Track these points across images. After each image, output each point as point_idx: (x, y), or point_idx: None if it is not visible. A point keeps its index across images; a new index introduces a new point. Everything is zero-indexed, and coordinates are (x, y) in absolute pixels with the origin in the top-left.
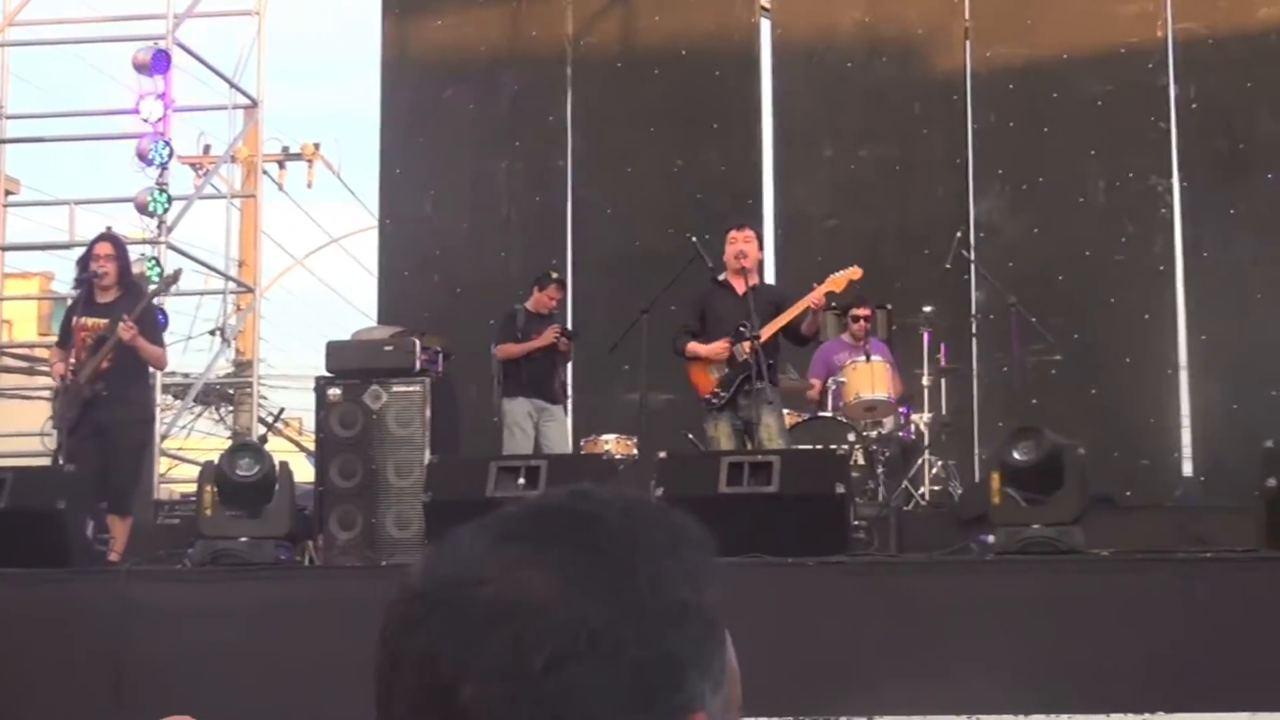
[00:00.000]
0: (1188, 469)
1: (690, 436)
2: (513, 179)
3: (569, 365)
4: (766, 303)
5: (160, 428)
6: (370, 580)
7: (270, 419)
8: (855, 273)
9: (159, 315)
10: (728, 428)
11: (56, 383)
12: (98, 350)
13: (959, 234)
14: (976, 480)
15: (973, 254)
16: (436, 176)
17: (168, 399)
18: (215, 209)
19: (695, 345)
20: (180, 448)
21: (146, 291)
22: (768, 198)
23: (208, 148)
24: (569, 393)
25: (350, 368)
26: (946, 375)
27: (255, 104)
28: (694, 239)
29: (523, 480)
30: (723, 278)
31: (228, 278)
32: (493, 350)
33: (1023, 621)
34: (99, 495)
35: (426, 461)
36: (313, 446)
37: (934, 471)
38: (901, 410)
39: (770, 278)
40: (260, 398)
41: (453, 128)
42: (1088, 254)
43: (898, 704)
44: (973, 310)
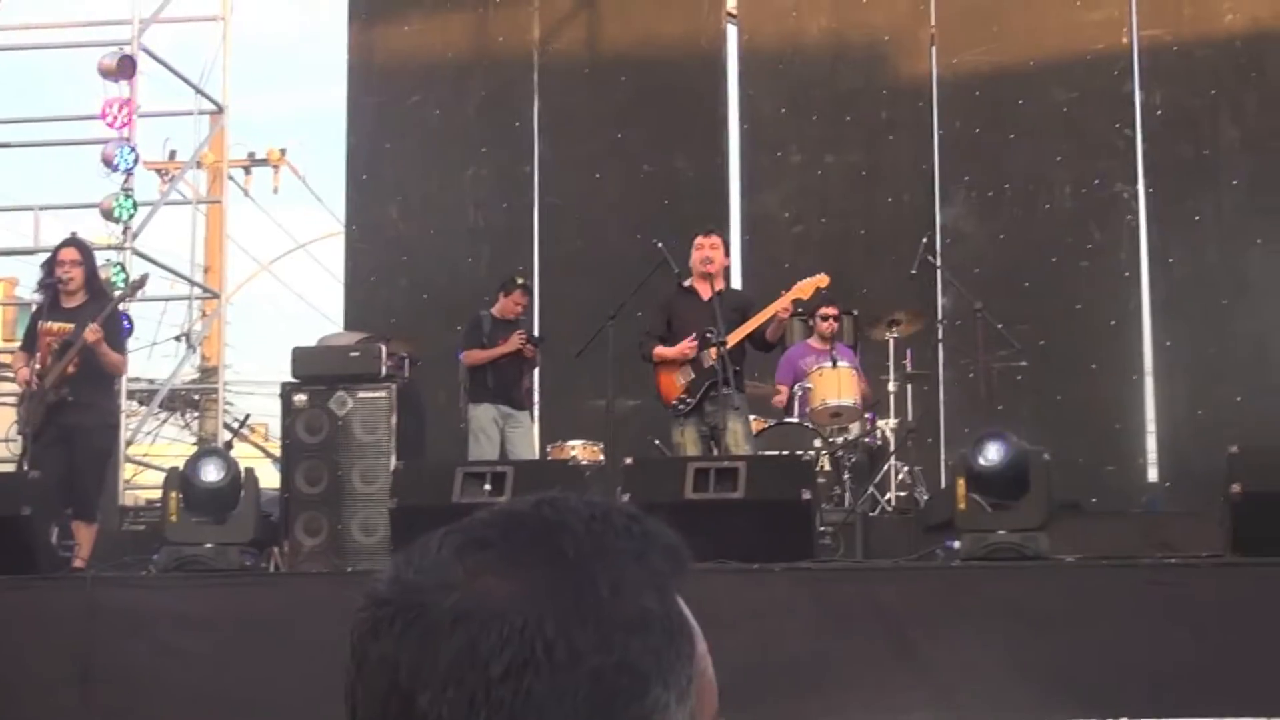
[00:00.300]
0: (1153, 475)
1: (657, 443)
2: (480, 184)
3: (536, 371)
4: (732, 308)
5: (126, 433)
6: (336, 586)
7: (236, 425)
8: (822, 280)
9: (124, 321)
10: (694, 434)
11: (21, 388)
12: (63, 355)
13: (925, 240)
14: (942, 486)
15: (939, 260)
16: (403, 182)
17: (133, 405)
18: (181, 214)
19: (662, 348)
20: (146, 454)
21: (112, 297)
22: (734, 203)
23: (173, 153)
24: (535, 399)
25: (316, 373)
26: (913, 381)
27: (221, 109)
28: (660, 245)
29: (489, 486)
30: (688, 284)
31: (193, 283)
32: (459, 357)
33: (988, 627)
34: (64, 501)
35: (393, 467)
36: (279, 452)
37: (900, 477)
38: (868, 416)
39: (737, 283)
40: (226, 404)
41: (419, 133)
42: (1053, 260)
43: (864, 710)
44: (939, 316)
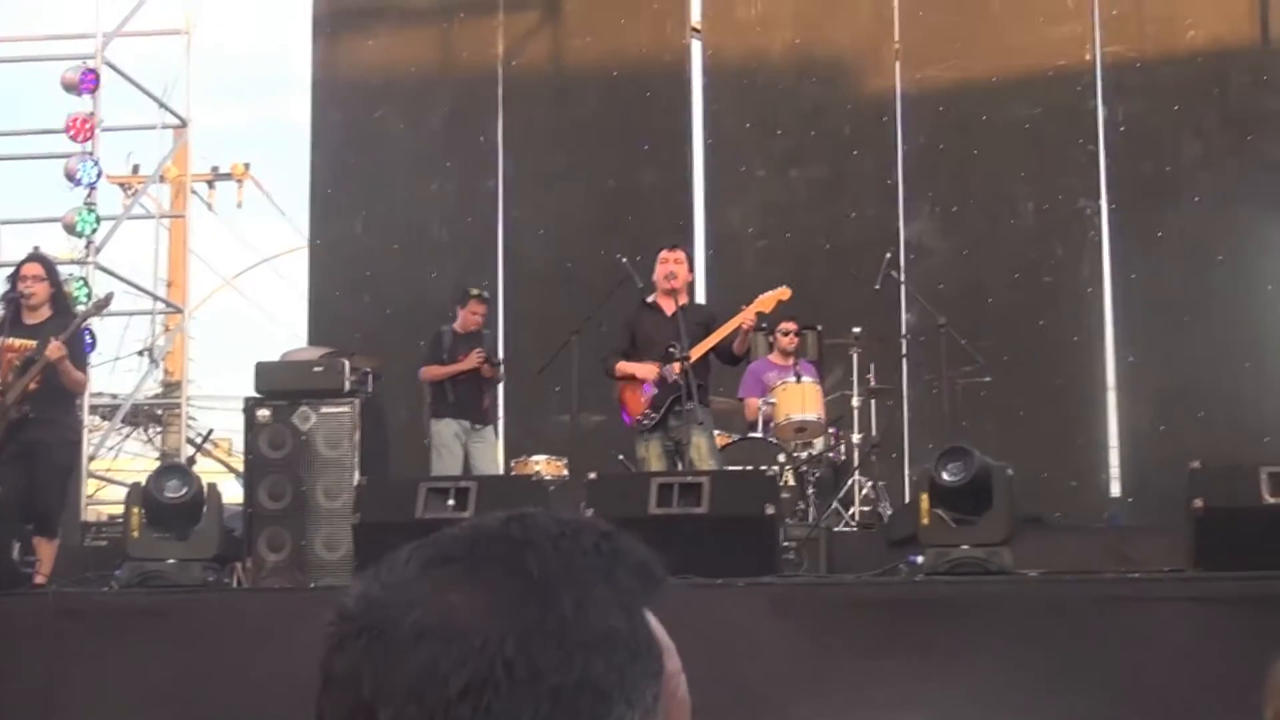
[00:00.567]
0: (1116, 490)
1: (621, 458)
2: (444, 199)
3: (500, 387)
4: (696, 323)
5: (88, 449)
6: (299, 602)
7: (199, 440)
8: (784, 293)
9: (87, 338)
10: (658, 449)
11: None
12: (25, 372)
13: (889, 255)
14: (906, 501)
15: (902, 275)
16: (367, 197)
17: (95, 420)
18: (144, 229)
19: (625, 364)
20: (108, 469)
21: (76, 313)
22: (699, 218)
23: (137, 167)
24: (500, 413)
25: (279, 389)
26: (876, 396)
27: (184, 123)
28: (624, 260)
29: (452, 502)
30: (652, 299)
31: (156, 298)
32: (419, 373)
33: (951, 643)
34: (25, 517)
35: (356, 483)
36: (242, 468)
37: (864, 492)
38: (832, 431)
39: (701, 298)
40: (189, 419)
41: (384, 148)
42: (1017, 276)
43: None
44: (903, 331)
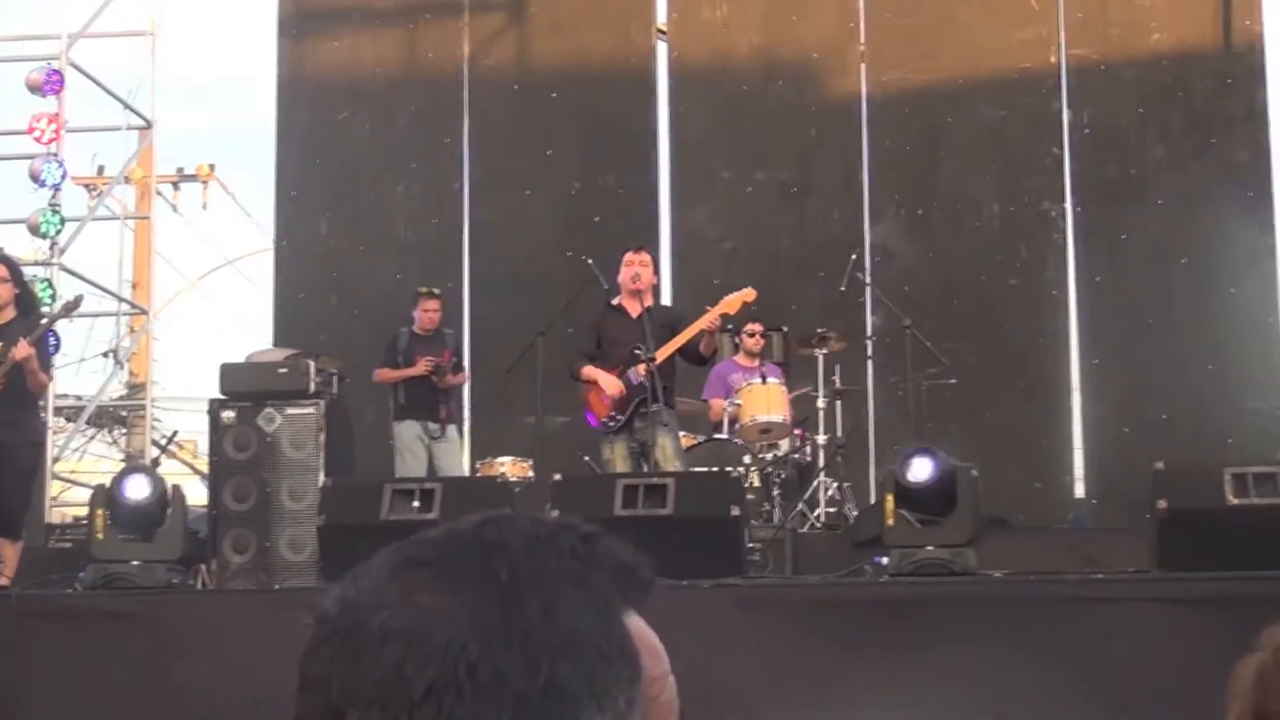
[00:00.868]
0: (1080, 491)
1: (586, 459)
2: (409, 201)
3: (464, 389)
4: (661, 325)
5: (52, 450)
6: (264, 604)
7: (164, 442)
8: (749, 294)
9: (51, 340)
10: (624, 450)
11: None
12: None
13: (854, 257)
14: (871, 502)
15: (868, 277)
16: (333, 198)
17: (60, 421)
18: (109, 230)
19: (590, 369)
20: (72, 471)
21: (42, 314)
22: (664, 220)
23: (102, 168)
24: (466, 415)
25: (244, 390)
26: (842, 398)
27: (149, 125)
28: (590, 261)
29: (417, 503)
30: (617, 301)
31: (121, 299)
32: (373, 375)
33: (917, 643)
34: None
35: (321, 484)
36: (206, 469)
37: (829, 494)
38: (797, 432)
39: (667, 299)
40: (154, 420)
41: (349, 149)
42: (982, 278)
43: None
44: (868, 333)
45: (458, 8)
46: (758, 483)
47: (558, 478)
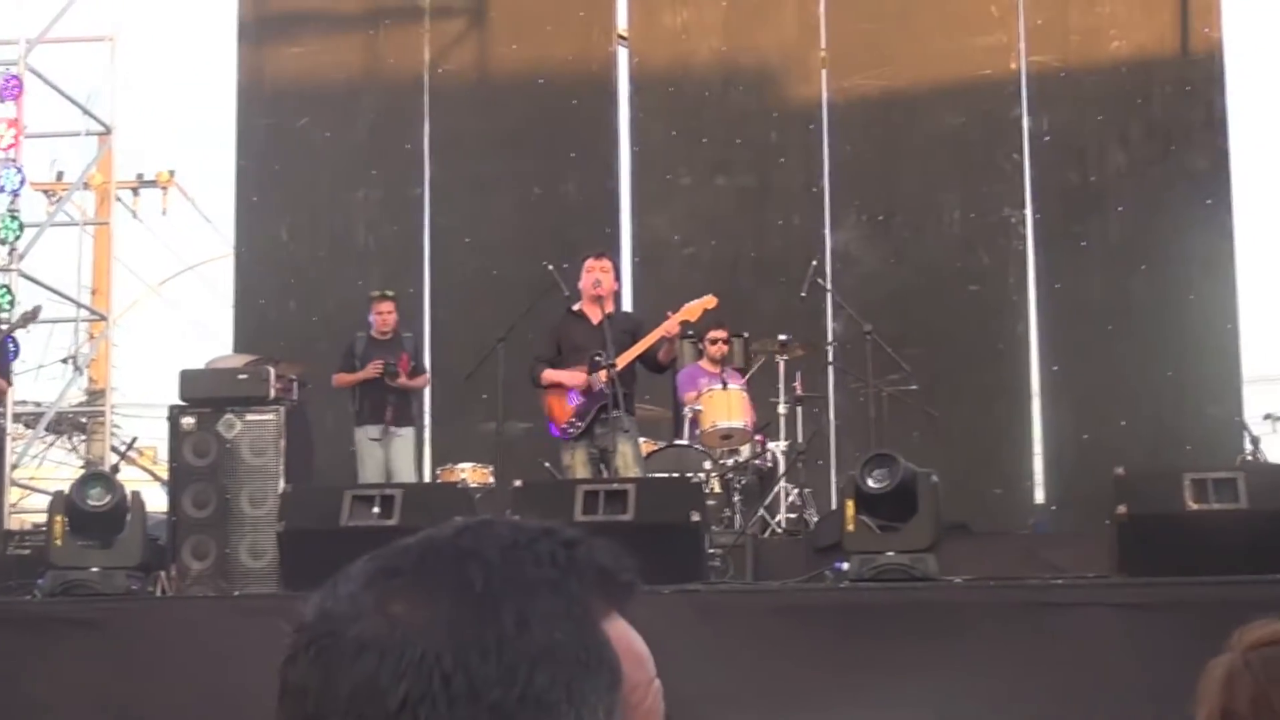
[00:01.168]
0: (1040, 497)
1: (547, 465)
2: (370, 207)
3: (425, 393)
4: (622, 331)
5: (11, 457)
6: (224, 610)
7: (123, 448)
8: (710, 302)
9: (10, 346)
10: (584, 456)
11: None
12: None
13: (814, 263)
14: (832, 508)
15: (829, 283)
16: (293, 204)
17: (19, 428)
18: (68, 236)
19: (552, 371)
20: (31, 477)
21: (0, 321)
22: (625, 226)
23: (61, 174)
24: (424, 418)
25: (204, 396)
26: (802, 403)
27: (109, 130)
28: (550, 267)
29: (377, 509)
30: (578, 307)
31: (80, 305)
32: (332, 380)
33: (876, 648)
34: None
35: (281, 490)
36: (166, 476)
37: (790, 499)
38: (758, 438)
39: (628, 305)
40: (113, 426)
41: (310, 155)
42: (942, 284)
43: None
44: (829, 339)
45: (418, 13)
46: (718, 488)
47: (518, 484)
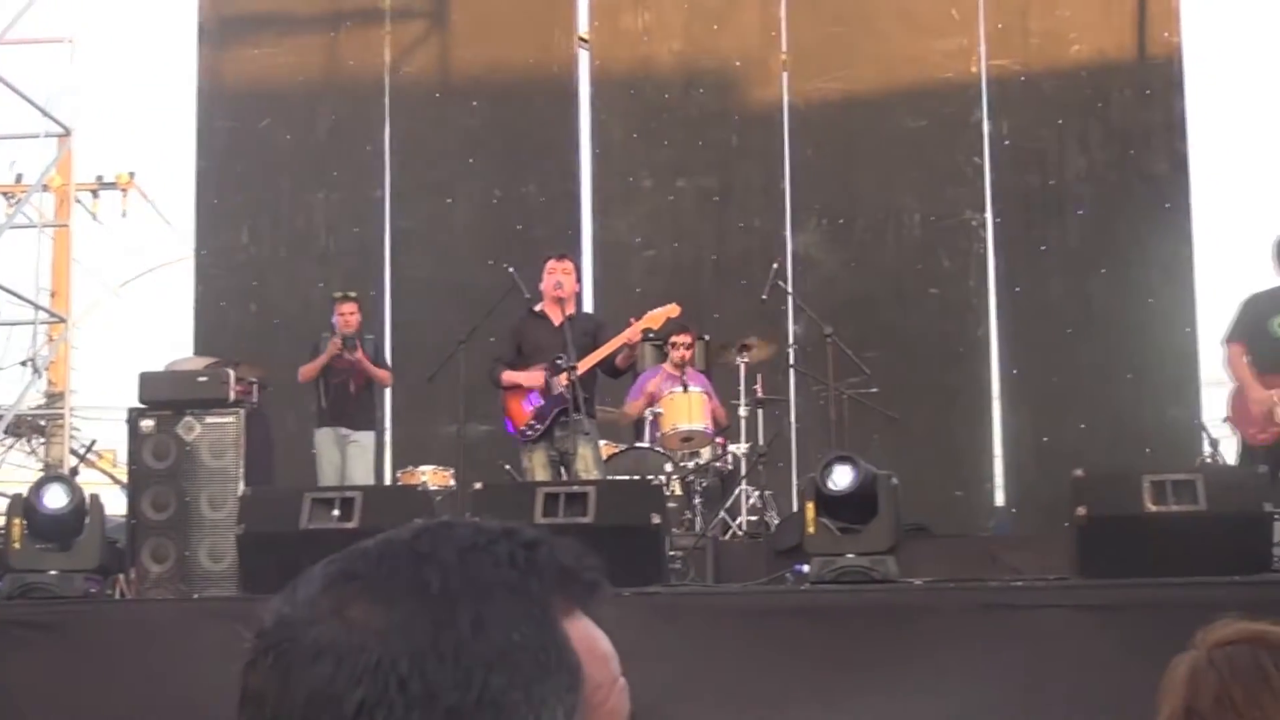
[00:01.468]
0: (1000, 499)
1: (507, 468)
2: (330, 209)
3: (386, 396)
4: (583, 333)
5: None
6: (183, 614)
7: (82, 451)
8: (673, 310)
9: None
10: (544, 459)
11: None
12: None
13: (775, 266)
14: (793, 510)
15: (790, 286)
16: (253, 206)
17: None
18: (27, 238)
19: (511, 373)
20: None
21: None
22: (586, 228)
23: (19, 176)
24: (384, 421)
25: (164, 399)
26: (763, 406)
27: (68, 132)
28: (511, 270)
29: (337, 512)
30: (539, 308)
31: (39, 308)
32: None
33: (836, 650)
34: None
35: (240, 493)
36: (125, 478)
37: (751, 502)
38: (718, 440)
39: (589, 307)
40: (72, 429)
41: (270, 157)
42: (903, 287)
43: None
44: (790, 341)
45: (379, 15)
46: (679, 491)
47: (478, 486)
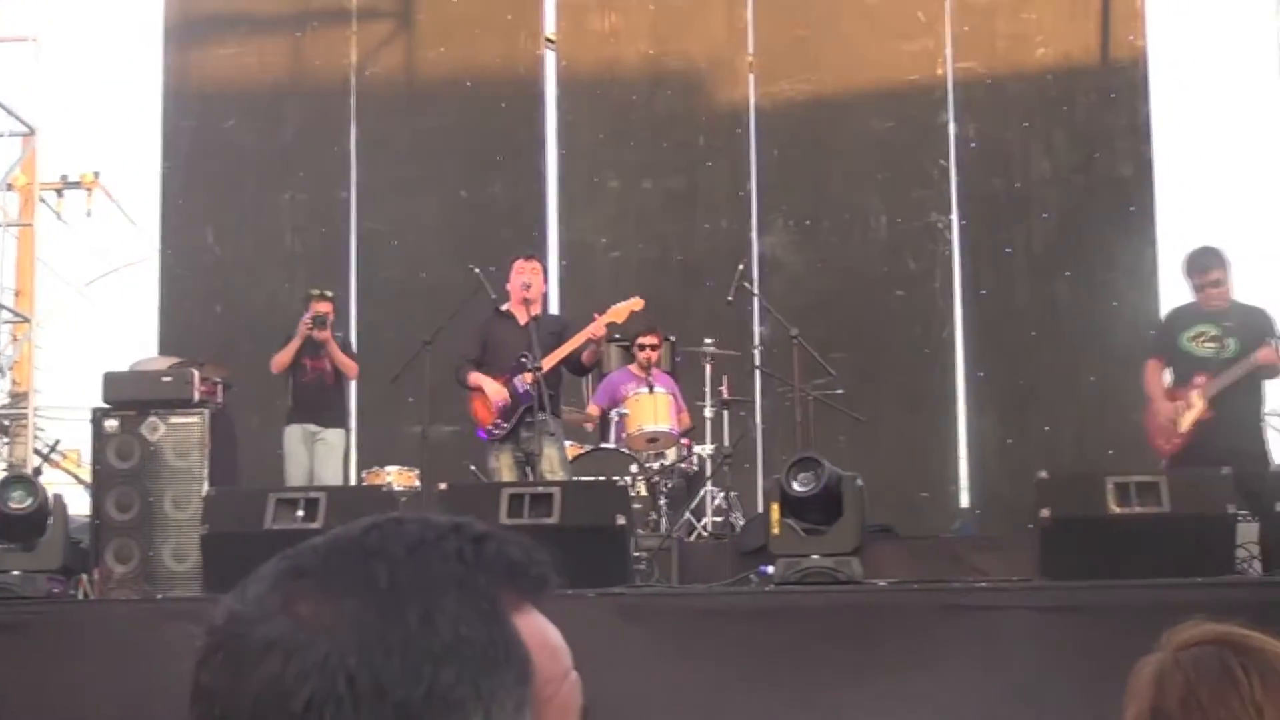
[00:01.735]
0: (965, 501)
1: (473, 468)
2: (296, 210)
3: (353, 389)
4: (548, 333)
5: None
6: (147, 614)
7: (46, 450)
8: (637, 304)
9: None
10: (510, 459)
11: None
12: None
13: (741, 267)
14: (758, 511)
15: (755, 287)
16: (219, 207)
17: None
18: None
19: (478, 376)
20: None
21: None
22: (552, 229)
23: None
24: (353, 422)
25: (128, 399)
26: (729, 407)
27: (33, 131)
28: (476, 270)
29: (301, 513)
30: (505, 308)
31: (3, 307)
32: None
33: (800, 652)
34: None
35: (204, 493)
36: (89, 478)
37: (716, 503)
38: (684, 442)
39: (555, 307)
40: (36, 429)
41: (235, 158)
42: (869, 289)
43: None
44: (756, 343)
45: (345, 16)
46: (644, 492)
47: (443, 487)
